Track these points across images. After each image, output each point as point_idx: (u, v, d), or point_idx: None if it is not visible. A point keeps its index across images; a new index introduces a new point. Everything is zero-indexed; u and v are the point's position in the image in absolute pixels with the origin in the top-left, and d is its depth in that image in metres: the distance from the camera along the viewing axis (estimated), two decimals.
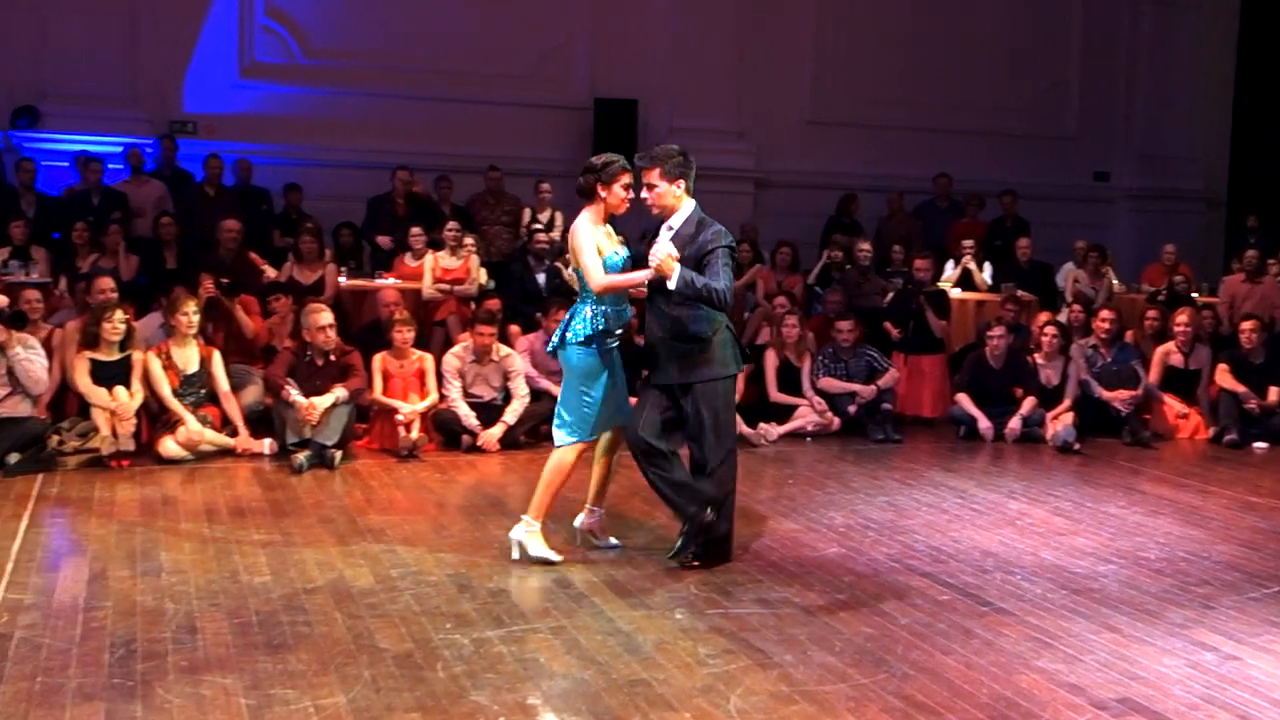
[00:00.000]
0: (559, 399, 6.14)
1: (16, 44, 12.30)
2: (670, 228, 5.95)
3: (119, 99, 12.43)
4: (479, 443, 8.60)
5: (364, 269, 11.48)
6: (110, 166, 11.94)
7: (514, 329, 9.92)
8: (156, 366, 8.15)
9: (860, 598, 5.64)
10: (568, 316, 6.03)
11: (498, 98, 13.64)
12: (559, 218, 12.00)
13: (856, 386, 9.69)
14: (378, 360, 8.69)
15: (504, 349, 8.99)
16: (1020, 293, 11.68)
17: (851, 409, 9.65)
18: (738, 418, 7.41)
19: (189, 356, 8.30)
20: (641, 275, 5.82)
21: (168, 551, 6.05)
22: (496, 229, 12.28)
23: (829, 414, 9.60)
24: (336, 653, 4.75)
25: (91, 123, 12.18)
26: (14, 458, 7.51)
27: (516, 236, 12.17)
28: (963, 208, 14.22)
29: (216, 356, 8.44)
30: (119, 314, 8.22)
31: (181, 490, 7.37)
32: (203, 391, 8.31)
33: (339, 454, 8.02)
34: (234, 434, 8.32)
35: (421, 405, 8.61)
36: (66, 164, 11.98)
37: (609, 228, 6.02)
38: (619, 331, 6.01)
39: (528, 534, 6.02)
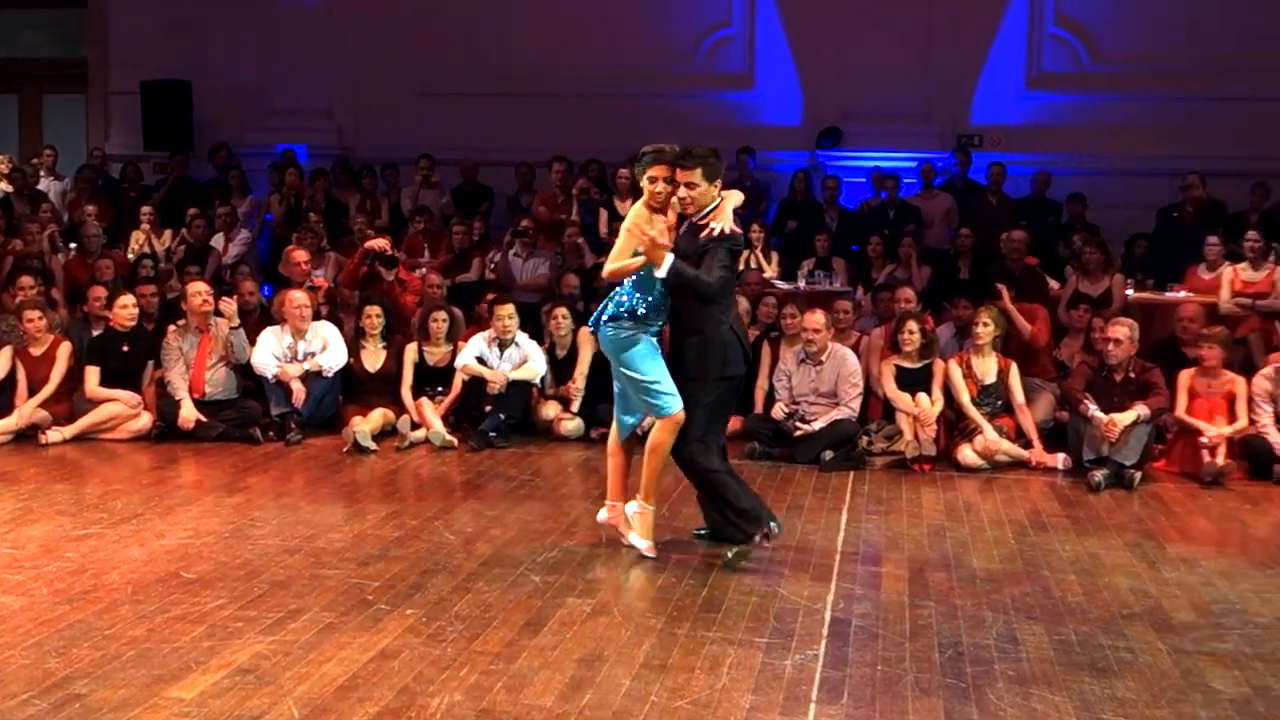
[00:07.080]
0: (617, 397, 6.08)
1: (823, 70, 13.37)
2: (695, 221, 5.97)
3: (913, 115, 13.07)
4: None
5: (1155, 281, 11.00)
6: (905, 181, 12.59)
7: None
8: (958, 375, 8.43)
9: None
10: (606, 300, 6.08)
11: None
12: None
13: None
14: (1184, 378, 8.29)
15: None
16: None
17: None
18: None
19: (987, 367, 8.48)
20: (636, 261, 5.86)
21: (978, 559, 6.20)
22: None
23: None
24: (1166, 686, 4.58)
25: (888, 139, 12.93)
26: (828, 454, 8.16)
27: None
28: None
29: (1014, 369, 8.53)
30: (912, 323, 8.60)
31: (981, 498, 7.54)
32: (999, 403, 8.45)
33: (1138, 475, 7.76)
34: (1028, 446, 8.37)
35: (1228, 429, 8.07)
36: (863, 179, 12.82)
37: (669, 217, 5.96)
38: (655, 325, 5.99)
39: (637, 514, 6.06)
